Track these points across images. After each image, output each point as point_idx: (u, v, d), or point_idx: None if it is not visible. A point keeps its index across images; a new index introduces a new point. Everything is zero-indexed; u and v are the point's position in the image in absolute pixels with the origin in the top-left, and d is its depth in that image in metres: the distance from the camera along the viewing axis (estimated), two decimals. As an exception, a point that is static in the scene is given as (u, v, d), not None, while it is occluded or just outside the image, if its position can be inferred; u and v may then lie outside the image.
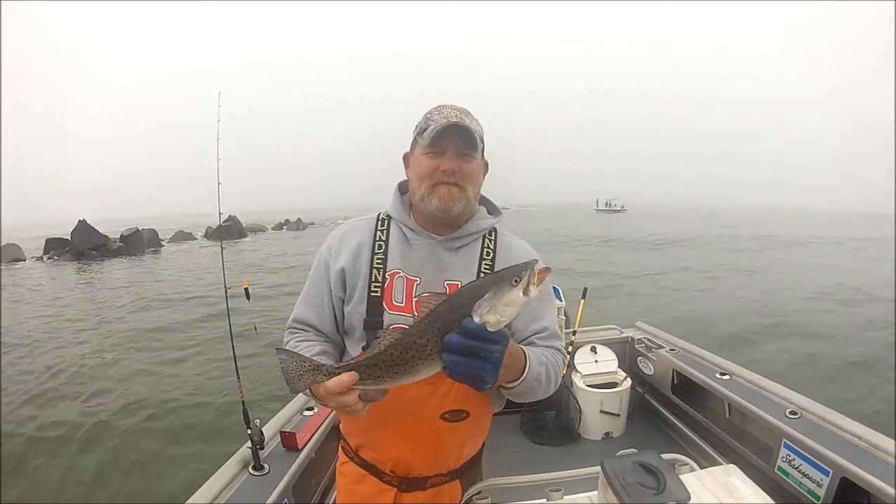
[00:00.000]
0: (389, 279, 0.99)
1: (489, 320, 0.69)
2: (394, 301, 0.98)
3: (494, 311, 0.69)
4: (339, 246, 1.04)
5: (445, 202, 0.97)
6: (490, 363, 0.71)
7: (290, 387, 0.79)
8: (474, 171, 1.00)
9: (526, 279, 0.70)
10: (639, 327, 2.88)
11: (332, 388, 0.74)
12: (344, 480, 1.10)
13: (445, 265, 1.01)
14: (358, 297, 0.99)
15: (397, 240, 1.03)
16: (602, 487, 0.96)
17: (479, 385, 0.73)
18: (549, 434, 2.55)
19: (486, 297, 0.69)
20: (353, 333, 1.01)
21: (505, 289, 0.70)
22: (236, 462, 1.49)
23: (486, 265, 1.02)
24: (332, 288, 1.02)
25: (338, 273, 1.01)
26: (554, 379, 0.99)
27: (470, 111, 1.00)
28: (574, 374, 2.64)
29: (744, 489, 0.97)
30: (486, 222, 1.06)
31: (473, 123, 0.98)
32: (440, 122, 0.94)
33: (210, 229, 32.32)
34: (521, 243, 1.10)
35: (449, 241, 1.02)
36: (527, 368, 0.90)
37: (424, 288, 0.98)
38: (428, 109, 1.01)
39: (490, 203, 1.12)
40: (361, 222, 1.08)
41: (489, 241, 1.05)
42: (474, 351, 0.69)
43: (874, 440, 1.45)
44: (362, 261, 1.01)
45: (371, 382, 0.75)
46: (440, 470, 1.04)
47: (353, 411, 0.78)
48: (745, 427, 1.97)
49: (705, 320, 7.86)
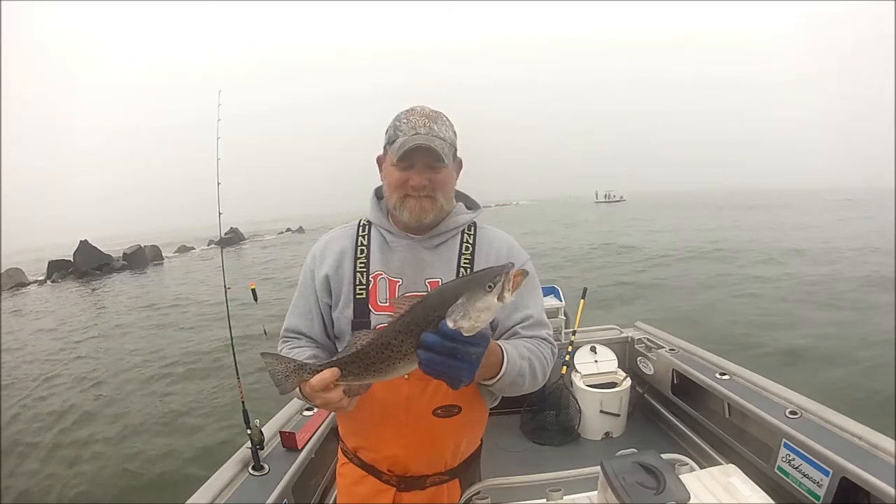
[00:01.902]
0: (373, 281, 1.01)
1: (463, 325, 0.68)
2: (378, 302, 1.01)
3: (468, 316, 0.68)
4: (323, 254, 1.07)
5: (416, 214, 0.99)
6: (466, 363, 0.71)
7: (279, 388, 0.81)
8: (444, 180, 1.00)
9: (500, 285, 0.69)
10: (638, 327, 2.87)
11: (315, 386, 0.76)
12: (344, 481, 1.11)
13: (426, 264, 1.02)
14: (344, 301, 1.02)
15: (378, 244, 1.05)
16: (602, 487, 0.96)
17: (455, 384, 0.74)
18: (548, 434, 2.55)
19: (460, 302, 0.68)
20: (343, 337, 1.04)
21: (478, 294, 0.68)
22: (236, 462, 1.50)
23: (465, 260, 1.03)
24: (319, 295, 1.05)
25: (323, 280, 1.04)
26: (540, 370, 0.98)
27: (441, 114, 1.00)
28: (574, 374, 2.64)
29: (744, 489, 0.97)
30: (463, 218, 1.06)
31: (443, 131, 0.97)
32: (409, 135, 0.94)
33: (212, 242, 32.41)
34: (502, 235, 1.10)
35: (427, 239, 1.04)
36: (504, 364, 0.90)
37: (406, 288, 1.00)
38: (397, 114, 1.00)
39: (468, 198, 1.12)
40: (343, 230, 1.11)
41: (468, 235, 1.06)
42: (450, 351, 0.69)
43: (874, 440, 1.45)
44: (346, 266, 1.04)
45: (353, 378, 0.76)
46: (438, 468, 1.04)
47: (339, 407, 0.80)
48: (744, 427, 1.97)
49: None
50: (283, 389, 0.81)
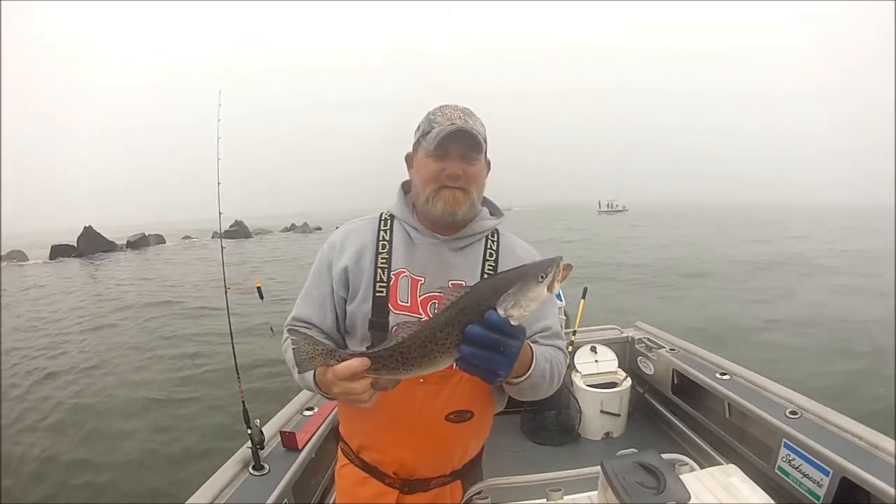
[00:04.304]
0: (394, 278, 0.98)
1: (513, 314, 0.69)
2: (399, 301, 0.98)
3: (519, 305, 0.69)
4: (343, 244, 1.03)
5: (451, 206, 0.97)
6: (506, 357, 0.71)
7: (300, 367, 0.79)
8: (478, 174, 1.00)
9: (551, 275, 0.70)
10: (639, 327, 2.87)
11: (340, 373, 0.73)
12: (344, 483, 1.09)
13: (450, 265, 1.00)
14: (362, 296, 0.99)
15: (401, 239, 1.02)
16: (602, 487, 0.96)
17: (492, 378, 0.73)
18: (549, 434, 2.55)
19: (512, 290, 0.69)
20: (356, 333, 1.01)
21: (531, 284, 0.69)
22: (236, 462, 1.49)
23: (489, 266, 1.02)
24: (335, 286, 1.02)
25: (341, 272, 1.01)
26: (557, 376, 0.99)
27: (473, 111, 1.00)
28: (574, 373, 2.64)
29: (744, 489, 0.97)
30: (489, 223, 1.06)
31: (477, 125, 0.97)
32: (445, 125, 0.94)
33: (215, 233, 32.52)
34: (522, 244, 1.10)
35: (453, 240, 1.02)
36: (533, 363, 0.90)
37: (429, 287, 0.98)
38: (430, 110, 1.00)
39: (492, 204, 1.12)
40: (364, 222, 1.07)
41: (492, 241, 1.06)
42: (494, 344, 0.69)
43: (874, 440, 1.45)
44: (366, 260, 1.00)
45: (385, 372, 0.74)
46: (443, 471, 1.04)
47: (359, 400, 0.77)
48: (745, 427, 1.97)
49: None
50: (304, 368, 0.78)
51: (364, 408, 0.79)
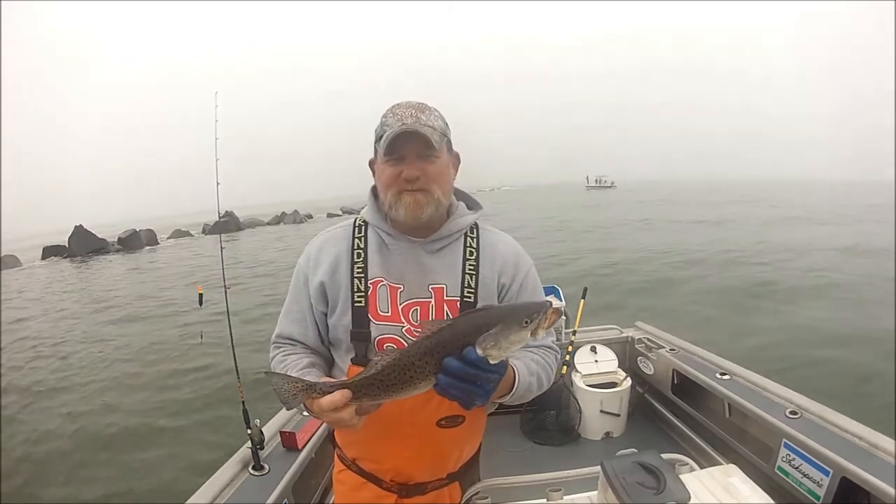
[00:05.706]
0: (372, 288, 0.96)
1: (492, 354, 0.69)
2: (379, 311, 0.95)
3: (498, 346, 0.68)
4: (318, 257, 1.01)
5: (413, 210, 0.92)
6: (483, 389, 0.72)
7: (286, 405, 0.81)
8: (440, 171, 0.94)
9: (537, 321, 0.69)
10: (639, 327, 2.87)
11: (325, 406, 0.74)
12: (342, 488, 1.09)
13: (428, 269, 0.97)
14: (341, 309, 0.97)
15: (376, 246, 0.99)
16: (602, 487, 0.96)
17: (468, 406, 0.74)
18: (548, 434, 2.55)
19: (493, 331, 0.68)
20: (340, 345, 0.99)
21: (514, 327, 0.69)
22: (236, 462, 1.50)
23: (469, 266, 0.99)
24: (313, 302, 1.00)
25: (317, 287, 0.98)
26: (546, 380, 1.00)
27: (428, 105, 0.95)
28: (574, 374, 2.64)
29: (744, 489, 0.97)
30: (466, 219, 1.02)
31: (432, 120, 0.92)
32: (395, 126, 0.89)
33: (207, 226, 32.45)
34: (506, 239, 1.06)
35: (429, 243, 0.98)
36: (516, 384, 0.91)
37: (409, 295, 0.96)
38: (384, 111, 0.94)
39: (468, 197, 1.08)
40: (338, 230, 1.04)
41: (471, 239, 1.02)
42: (471, 378, 0.70)
43: (874, 440, 1.45)
44: (342, 272, 0.98)
45: (367, 399, 0.75)
46: (440, 475, 1.04)
47: (349, 426, 0.78)
48: (745, 427, 1.96)
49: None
50: (290, 406, 0.80)
51: (354, 430, 0.80)
